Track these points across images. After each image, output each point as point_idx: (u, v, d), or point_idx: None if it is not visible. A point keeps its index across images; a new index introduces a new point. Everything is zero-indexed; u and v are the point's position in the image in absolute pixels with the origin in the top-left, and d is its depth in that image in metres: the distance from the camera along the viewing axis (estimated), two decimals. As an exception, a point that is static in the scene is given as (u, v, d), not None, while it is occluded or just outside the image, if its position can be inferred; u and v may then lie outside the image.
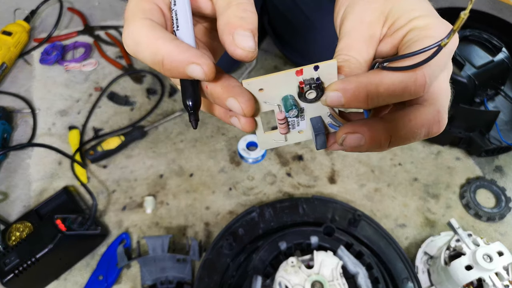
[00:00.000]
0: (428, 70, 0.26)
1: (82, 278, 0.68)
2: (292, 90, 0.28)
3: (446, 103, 0.29)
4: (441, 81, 0.29)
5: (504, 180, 0.79)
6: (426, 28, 0.28)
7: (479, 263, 0.55)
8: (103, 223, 0.73)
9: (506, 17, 0.89)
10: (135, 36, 0.26)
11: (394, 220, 0.74)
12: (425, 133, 0.28)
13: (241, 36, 0.26)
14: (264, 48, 1.00)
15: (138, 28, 0.26)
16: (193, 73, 0.25)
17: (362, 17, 0.30)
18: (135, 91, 0.93)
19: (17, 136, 0.86)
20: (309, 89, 0.27)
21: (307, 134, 0.31)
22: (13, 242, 0.66)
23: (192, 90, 0.27)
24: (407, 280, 0.61)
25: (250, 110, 0.27)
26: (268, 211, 0.69)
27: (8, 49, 0.95)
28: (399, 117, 0.27)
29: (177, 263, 0.65)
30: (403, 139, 0.28)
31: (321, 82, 0.27)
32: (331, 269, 0.53)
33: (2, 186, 0.78)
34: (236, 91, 0.27)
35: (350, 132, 0.27)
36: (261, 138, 0.31)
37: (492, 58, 0.79)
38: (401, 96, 0.26)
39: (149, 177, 0.79)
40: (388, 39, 0.30)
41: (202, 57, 0.25)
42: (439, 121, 0.28)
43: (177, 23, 0.28)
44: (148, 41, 0.26)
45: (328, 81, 0.27)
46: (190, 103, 0.27)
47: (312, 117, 0.30)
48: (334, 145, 0.30)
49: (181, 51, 0.25)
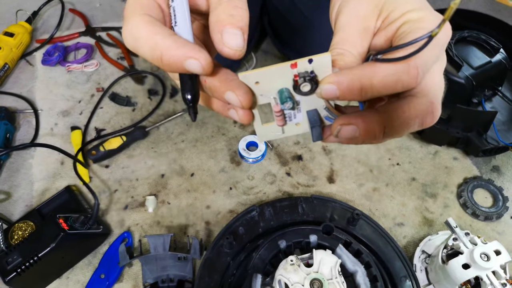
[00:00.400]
0: (420, 61, 0.26)
1: (84, 276, 0.69)
2: (287, 83, 0.28)
3: (440, 94, 0.30)
4: (434, 73, 0.29)
5: (501, 179, 0.79)
6: (420, 20, 0.29)
7: (476, 262, 0.56)
8: (105, 222, 0.74)
9: (504, 18, 0.89)
10: (134, 31, 0.27)
11: (392, 219, 0.75)
12: (418, 124, 0.29)
13: (230, 34, 0.27)
14: (264, 48, 1.01)
15: (137, 24, 0.27)
16: (191, 67, 0.26)
17: (356, 11, 0.31)
18: (136, 92, 0.93)
19: (19, 136, 0.86)
20: (303, 81, 0.27)
21: (304, 126, 0.32)
22: (15, 241, 0.67)
23: (191, 84, 0.28)
24: (405, 279, 0.62)
25: (247, 102, 0.28)
26: (268, 210, 0.70)
27: (10, 50, 0.96)
28: (393, 109, 0.28)
29: (178, 262, 0.66)
30: (397, 130, 0.28)
31: (315, 75, 0.27)
32: (330, 268, 0.53)
33: (4, 185, 0.79)
34: (234, 84, 0.28)
35: (345, 123, 0.28)
36: (259, 130, 0.32)
37: (490, 59, 0.80)
38: (394, 87, 0.27)
39: (151, 177, 0.80)
40: (382, 32, 0.31)
41: (200, 52, 0.26)
42: (432, 112, 0.29)
43: (175, 19, 0.28)
44: (147, 36, 0.26)
45: (323, 74, 0.27)
46: (189, 96, 0.28)
47: (308, 110, 0.30)
48: (330, 137, 0.31)
49: (179, 46, 0.26)
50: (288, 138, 0.85)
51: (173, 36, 0.26)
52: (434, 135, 0.81)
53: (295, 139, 0.85)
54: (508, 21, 0.88)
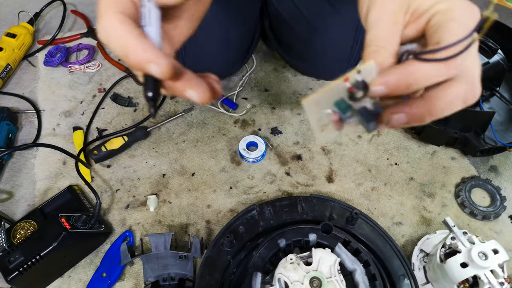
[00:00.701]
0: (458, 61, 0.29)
1: (86, 275, 0.69)
2: (342, 94, 0.33)
3: (478, 73, 0.31)
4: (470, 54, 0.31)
5: (499, 179, 0.80)
6: (449, 10, 0.30)
7: (474, 261, 0.56)
8: (107, 221, 0.75)
9: (502, 19, 0.90)
10: (107, 29, 0.28)
11: (390, 218, 0.75)
12: (461, 104, 0.31)
13: None
14: (264, 51, 1.02)
15: (110, 21, 0.28)
16: (152, 71, 0.28)
17: (385, 7, 0.33)
18: (138, 93, 0.94)
19: (22, 136, 0.87)
20: (358, 90, 0.31)
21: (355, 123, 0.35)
22: (17, 240, 0.67)
23: (153, 84, 0.30)
24: (404, 277, 0.62)
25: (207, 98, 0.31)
26: (267, 210, 0.70)
27: (13, 51, 0.97)
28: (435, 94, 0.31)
29: (179, 260, 0.67)
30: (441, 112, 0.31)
31: (365, 82, 0.31)
32: (329, 266, 0.53)
33: (7, 185, 0.80)
34: (193, 83, 0.30)
35: (394, 112, 0.31)
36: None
37: (487, 60, 0.80)
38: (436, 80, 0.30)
39: (152, 177, 0.81)
40: (412, 25, 0.33)
41: (162, 58, 0.27)
42: (473, 91, 0.31)
43: (146, 20, 0.30)
44: (118, 35, 0.28)
45: (370, 78, 0.31)
46: (150, 94, 0.30)
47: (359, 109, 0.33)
48: (381, 125, 0.33)
49: (144, 49, 0.27)
50: (288, 139, 0.86)
51: (140, 38, 0.28)
52: (432, 135, 0.81)
53: (294, 139, 0.86)
54: (506, 22, 0.89)
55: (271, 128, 0.88)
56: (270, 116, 0.90)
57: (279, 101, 0.92)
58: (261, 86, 0.95)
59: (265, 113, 0.90)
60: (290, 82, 0.96)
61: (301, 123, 0.89)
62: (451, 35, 0.29)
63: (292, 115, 0.90)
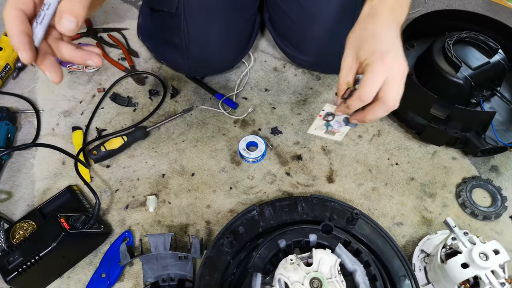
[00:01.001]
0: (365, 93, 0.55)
1: (85, 276, 0.69)
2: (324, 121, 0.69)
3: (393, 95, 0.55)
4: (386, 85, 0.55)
5: (500, 179, 0.80)
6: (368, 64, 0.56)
7: (475, 261, 0.56)
8: (106, 221, 0.75)
9: (503, 19, 0.90)
10: (5, 18, 0.40)
11: (391, 218, 0.75)
12: (382, 113, 0.58)
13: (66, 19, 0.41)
14: (264, 49, 1.02)
15: (9, 15, 0.39)
16: (20, 56, 0.41)
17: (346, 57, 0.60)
18: (137, 92, 0.94)
19: (21, 136, 0.87)
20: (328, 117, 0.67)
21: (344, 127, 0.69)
22: (17, 240, 0.67)
23: None
24: (404, 278, 0.62)
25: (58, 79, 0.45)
26: (268, 210, 0.70)
27: (12, 51, 0.96)
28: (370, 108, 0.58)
29: (178, 261, 0.67)
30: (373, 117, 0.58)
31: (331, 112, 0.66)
32: (330, 267, 0.53)
33: (6, 185, 0.80)
34: (51, 68, 0.44)
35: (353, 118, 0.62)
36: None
37: (488, 60, 0.80)
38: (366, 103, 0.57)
39: (151, 177, 0.81)
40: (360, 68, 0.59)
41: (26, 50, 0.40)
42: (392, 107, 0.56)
43: (39, 18, 0.41)
44: (9, 25, 0.39)
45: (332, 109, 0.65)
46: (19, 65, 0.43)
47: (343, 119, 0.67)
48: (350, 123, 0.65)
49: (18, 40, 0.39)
50: (288, 138, 0.86)
51: (21, 32, 0.39)
52: (433, 135, 0.81)
53: (294, 139, 0.86)
54: (507, 22, 0.89)
55: (271, 128, 0.88)
56: (270, 116, 0.90)
57: (279, 101, 0.92)
58: (261, 86, 0.95)
59: (265, 113, 0.90)
60: (290, 82, 0.95)
61: (301, 123, 0.88)
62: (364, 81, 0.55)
63: (292, 115, 0.90)
